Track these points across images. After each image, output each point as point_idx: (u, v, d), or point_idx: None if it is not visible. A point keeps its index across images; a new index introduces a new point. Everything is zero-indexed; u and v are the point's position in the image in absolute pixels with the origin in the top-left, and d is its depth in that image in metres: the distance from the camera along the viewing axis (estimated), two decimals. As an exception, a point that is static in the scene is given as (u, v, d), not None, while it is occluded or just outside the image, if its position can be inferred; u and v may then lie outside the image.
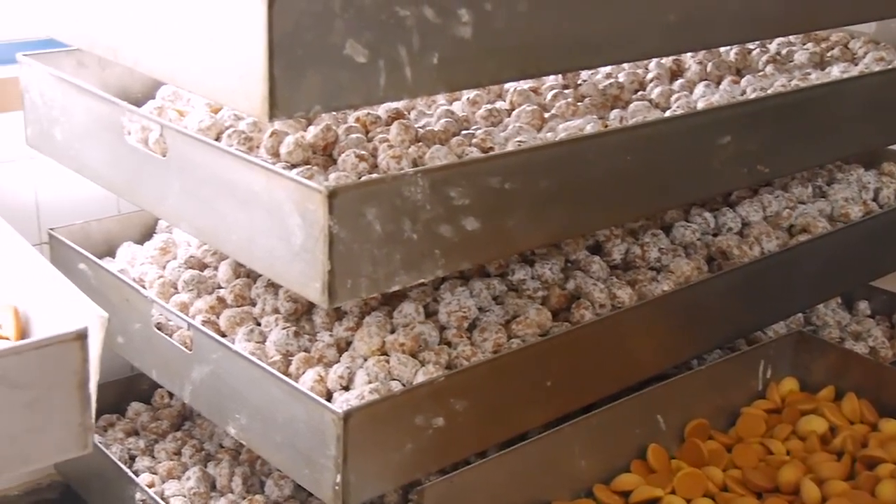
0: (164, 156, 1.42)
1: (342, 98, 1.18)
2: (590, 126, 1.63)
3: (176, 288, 1.69)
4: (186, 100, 1.72)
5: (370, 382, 1.43)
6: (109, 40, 1.35)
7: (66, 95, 1.57)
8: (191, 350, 1.52)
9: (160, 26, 1.25)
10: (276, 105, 1.13)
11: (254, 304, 1.63)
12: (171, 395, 1.94)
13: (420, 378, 1.44)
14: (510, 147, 1.54)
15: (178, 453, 1.80)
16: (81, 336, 1.05)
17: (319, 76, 1.15)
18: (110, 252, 1.86)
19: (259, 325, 1.59)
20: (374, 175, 1.42)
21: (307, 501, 1.67)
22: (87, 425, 1.08)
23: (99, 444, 1.77)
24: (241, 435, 1.47)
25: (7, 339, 1.22)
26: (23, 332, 1.23)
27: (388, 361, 1.47)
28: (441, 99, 1.77)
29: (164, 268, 1.73)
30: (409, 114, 1.68)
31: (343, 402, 1.40)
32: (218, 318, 1.60)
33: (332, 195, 1.19)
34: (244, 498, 1.67)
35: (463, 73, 1.28)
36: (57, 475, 1.96)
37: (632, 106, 1.75)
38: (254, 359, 1.41)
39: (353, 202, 1.22)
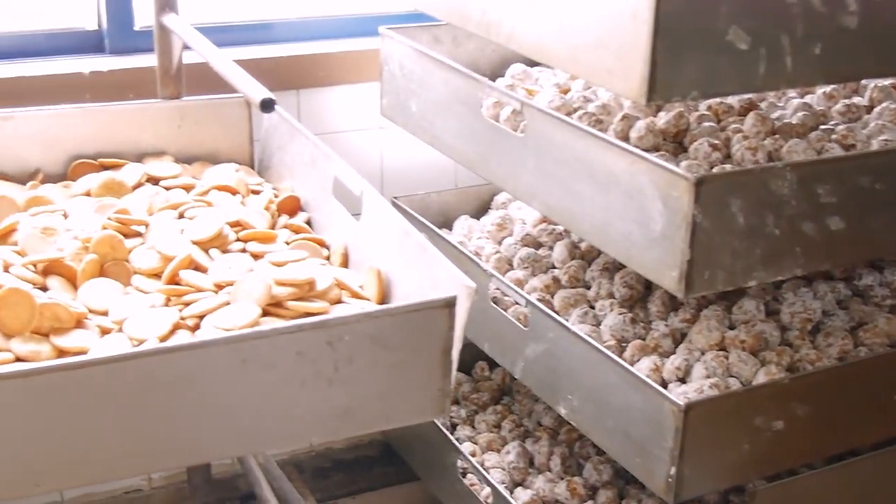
0: (521, 132, 1.44)
1: (720, 85, 1.16)
2: (962, 128, 1.52)
3: (511, 265, 1.71)
4: (535, 79, 1.74)
5: (708, 377, 1.40)
6: (483, 16, 1.38)
7: (426, 69, 1.61)
8: (526, 327, 1.53)
9: (539, 4, 1.26)
10: (655, 88, 1.11)
11: (588, 287, 1.63)
12: (491, 368, 1.97)
13: (761, 378, 1.40)
14: (875, 145, 1.46)
15: (498, 426, 1.83)
16: (450, 304, 1.07)
17: (699, 61, 1.13)
18: (446, 224, 1.90)
19: (592, 308, 1.59)
20: (728, 166, 1.39)
21: (625, 490, 1.66)
22: (446, 391, 1.11)
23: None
24: (571, 416, 1.47)
25: (368, 300, 1.27)
26: (384, 296, 1.27)
27: (727, 357, 1.43)
28: (792, 91, 1.70)
29: (499, 243, 1.76)
30: (760, 104, 1.63)
31: (681, 394, 1.37)
32: (552, 297, 1.61)
33: (699, 183, 1.17)
34: (562, 478, 1.67)
35: (844, 64, 1.23)
36: (378, 434, 2.03)
37: None
38: (593, 341, 1.41)
39: (718, 192, 1.19)
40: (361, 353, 1.06)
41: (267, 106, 1.21)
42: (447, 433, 1.73)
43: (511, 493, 1.68)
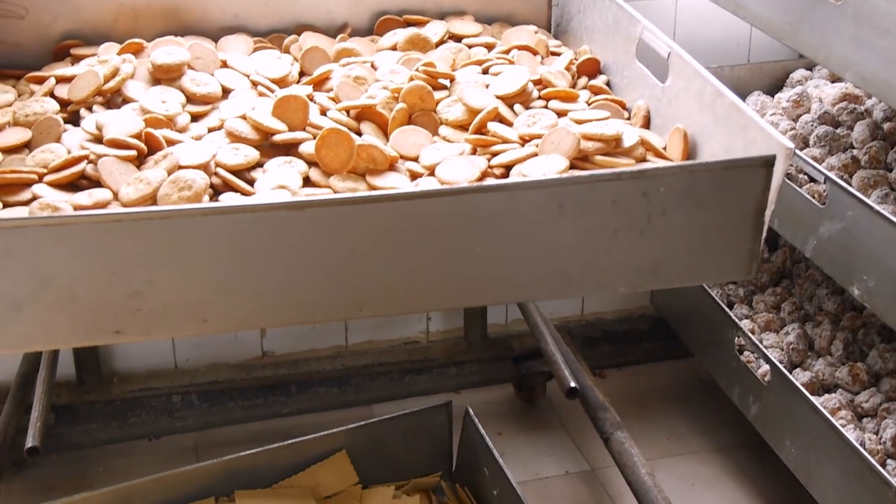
0: (839, 1, 1.38)
1: None
2: None
3: (806, 142, 1.66)
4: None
5: None
6: None
7: (735, -66, 1.57)
8: (823, 205, 1.49)
9: None
10: None
11: (889, 169, 1.57)
12: (771, 250, 1.93)
13: None
14: None
15: (777, 308, 1.79)
16: (769, 163, 1.06)
17: None
18: (737, 100, 1.86)
19: (894, 190, 1.53)
20: None
21: (913, 379, 1.61)
22: (755, 253, 1.10)
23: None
24: (864, 297, 1.43)
25: (671, 161, 1.27)
26: (688, 157, 1.26)
27: None
28: None
29: (795, 120, 1.71)
30: None
31: None
32: (850, 177, 1.56)
33: None
34: (843, 363, 1.64)
35: None
36: (649, 307, 2.04)
37: None
38: (897, 220, 1.36)
39: None
40: (675, 206, 1.06)
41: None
42: (726, 308, 1.72)
43: (789, 373, 1.66)
